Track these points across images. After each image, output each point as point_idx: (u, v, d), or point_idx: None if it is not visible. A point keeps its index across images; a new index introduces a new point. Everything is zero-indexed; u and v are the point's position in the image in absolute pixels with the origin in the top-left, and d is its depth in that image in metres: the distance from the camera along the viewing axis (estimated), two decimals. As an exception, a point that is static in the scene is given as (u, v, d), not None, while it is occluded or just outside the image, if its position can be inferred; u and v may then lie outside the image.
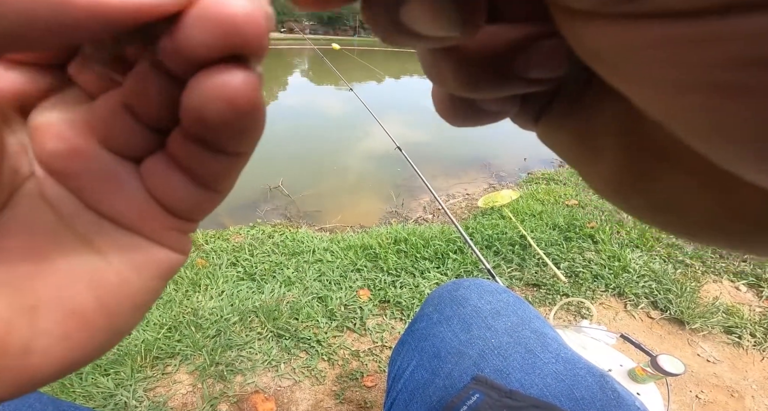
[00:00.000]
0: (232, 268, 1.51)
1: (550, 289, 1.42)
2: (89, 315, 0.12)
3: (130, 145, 0.12)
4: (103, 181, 0.12)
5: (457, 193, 2.60)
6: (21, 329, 0.11)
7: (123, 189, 0.12)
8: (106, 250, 0.12)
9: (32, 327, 0.11)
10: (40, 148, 0.11)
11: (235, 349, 1.13)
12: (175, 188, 0.12)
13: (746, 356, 1.21)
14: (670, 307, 1.34)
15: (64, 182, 0.12)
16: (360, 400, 1.03)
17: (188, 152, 0.11)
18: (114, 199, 0.12)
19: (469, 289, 0.55)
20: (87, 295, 0.12)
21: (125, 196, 0.12)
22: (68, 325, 0.12)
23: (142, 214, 0.12)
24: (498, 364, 0.43)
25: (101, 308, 0.12)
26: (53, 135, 0.11)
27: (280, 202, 2.39)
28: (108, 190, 0.12)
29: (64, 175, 0.12)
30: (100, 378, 1.03)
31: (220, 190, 0.13)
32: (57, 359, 0.12)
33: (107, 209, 0.12)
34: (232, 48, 0.09)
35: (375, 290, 1.39)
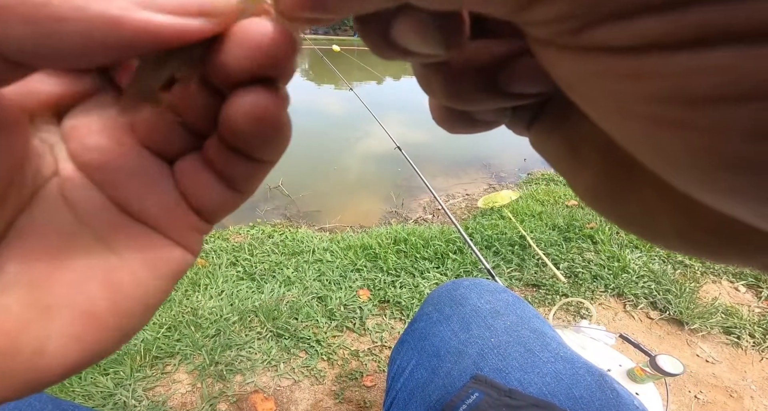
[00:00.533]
0: (231, 267, 1.51)
1: (550, 290, 1.43)
2: (102, 316, 0.12)
3: (170, 144, 0.13)
4: (139, 177, 0.12)
5: (456, 194, 2.60)
6: (35, 330, 0.11)
7: (156, 186, 0.13)
8: (122, 249, 0.12)
9: (46, 327, 0.11)
10: (77, 144, 0.12)
11: (235, 349, 1.13)
12: (205, 187, 0.13)
13: (745, 356, 1.21)
14: (669, 308, 1.34)
15: (98, 177, 0.12)
16: (359, 400, 1.03)
17: (222, 157, 0.12)
18: (146, 195, 0.13)
19: (468, 289, 0.55)
20: (101, 296, 0.12)
21: (158, 192, 0.13)
22: (81, 325, 0.12)
23: (170, 211, 0.13)
24: (497, 363, 0.43)
25: (114, 309, 0.12)
26: (94, 132, 0.12)
27: (280, 202, 2.39)
28: (142, 186, 0.13)
29: (99, 170, 0.12)
30: (99, 377, 1.03)
31: (245, 191, 0.14)
32: (67, 360, 0.12)
33: (136, 205, 0.13)
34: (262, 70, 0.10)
35: (375, 290, 1.39)
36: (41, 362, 0.11)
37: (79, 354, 0.12)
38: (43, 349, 0.11)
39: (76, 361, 0.12)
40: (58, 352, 0.11)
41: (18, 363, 0.11)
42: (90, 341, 0.12)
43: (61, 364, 0.12)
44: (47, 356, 0.11)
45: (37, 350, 0.11)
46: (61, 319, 0.11)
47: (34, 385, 0.11)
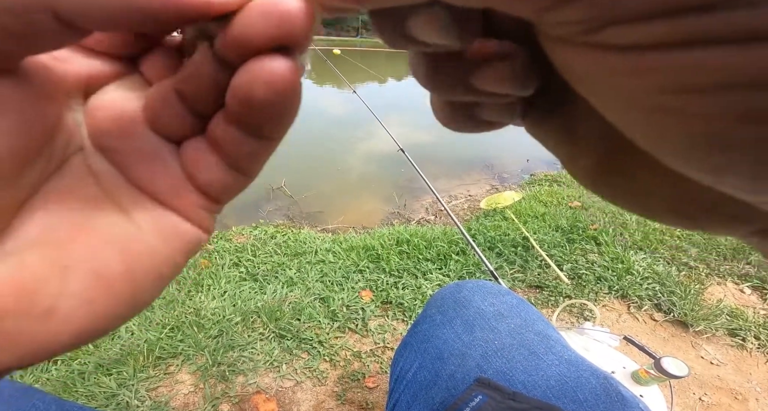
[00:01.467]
0: (234, 268, 1.51)
1: (553, 291, 1.42)
2: (115, 280, 0.12)
3: (175, 127, 0.13)
4: (146, 159, 0.13)
5: (459, 195, 2.60)
6: (50, 288, 0.11)
7: (163, 167, 0.13)
8: (140, 220, 0.13)
9: (60, 287, 0.11)
10: (93, 126, 0.13)
11: (237, 350, 1.13)
12: (210, 169, 0.13)
13: (750, 359, 1.20)
14: (673, 310, 1.33)
15: (111, 158, 0.13)
16: (362, 401, 1.03)
17: (227, 135, 0.13)
18: (154, 175, 0.13)
19: (472, 291, 0.55)
20: (116, 261, 0.12)
21: (164, 173, 0.13)
22: (94, 288, 0.12)
23: (177, 190, 0.14)
24: (501, 366, 0.43)
25: (127, 275, 0.13)
26: (109, 115, 0.13)
27: (282, 203, 2.39)
28: (149, 168, 0.13)
29: (111, 152, 0.13)
30: (102, 378, 1.03)
31: (249, 173, 0.14)
32: (76, 325, 0.12)
33: (146, 184, 0.13)
34: (281, 39, 0.10)
35: (377, 291, 1.39)
36: (50, 324, 0.11)
37: (88, 319, 0.12)
38: (54, 309, 0.11)
39: (85, 326, 0.12)
40: (69, 315, 0.12)
41: (28, 322, 0.11)
42: (101, 305, 0.12)
43: (69, 329, 0.12)
44: (57, 318, 0.11)
45: (49, 310, 0.11)
46: (76, 280, 0.12)
47: (41, 350, 0.11)
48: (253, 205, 2.35)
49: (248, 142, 0.13)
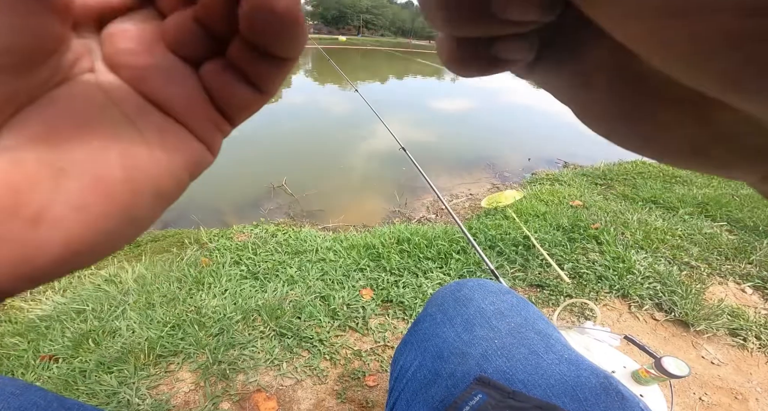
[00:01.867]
0: (235, 266, 1.51)
1: (554, 290, 1.42)
2: (113, 185, 0.12)
3: (195, 50, 0.14)
4: (164, 75, 0.14)
5: (460, 193, 2.60)
6: (42, 189, 0.11)
7: (182, 82, 0.14)
8: (145, 129, 0.13)
9: (54, 189, 0.11)
10: (111, 47, 0.13)
11: (238, 348, 1.14)
12: (230, 86, 0.14)
13: (751, 358, 1.20)
14: (674, 309, 1.33)
15: (126, 74, 0.13)
16: (362, 400, 1.03)
17: (244, 56, 0.14)
18: (170, 89, 0.14)
19: (472, 290, 0.55)
20: (116, 165, 0.12)
21: (183, 88, 0.14)
22: (90, 192, 0.11)
23: (194, 105, 0.14)
24: (501, 365, 0.43)
25: (126, 182, 0.12)
26: (127, 37, 0.13)
27: (283, 201, 2.40)
28: (166, 82, 0.14)
29: (128, 68, 0.13)
30: (103, 376, 1.03)
31: (266, 91, 0.15)
32: (67, 232, 0.11)
33: (161, 98, 0.14)
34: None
35: (378, 290, 1.39)
36: (39, 230, 0.10)
37: (80, 227, 0.11)
38: (44, 213, 0.11)
39: (76, 235, 0.11)
40: (59, 220, 0.11)
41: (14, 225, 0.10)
42: (95, 213, 0.12)
43: (59, 236, 0.11)
44: (47, 223, 0.11)
45: (38, 212, 0.10)
46: (72, 183, 0.11)
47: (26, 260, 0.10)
48: (254, 203, 2.35)
49: (264, 62, 0.14)
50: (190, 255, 1.60)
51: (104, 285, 1.41)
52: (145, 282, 1.42)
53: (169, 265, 1.53)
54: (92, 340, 1.15)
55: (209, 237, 1.73)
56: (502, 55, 0.13)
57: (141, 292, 1.36)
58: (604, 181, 2.61)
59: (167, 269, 1.50)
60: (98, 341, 1.15)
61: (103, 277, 1.48)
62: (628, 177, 2.64)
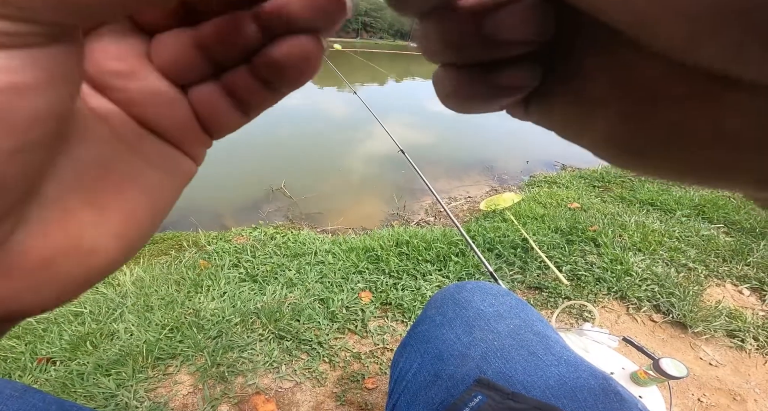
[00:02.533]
0: (234, 269, 1.51)
1: (552, 292, 1.42)
2: (142, 216, 0.14)
3: (188, 73, 0.14)
4: (153, 97, 0.14)
5: (459, 196, 2.60)
6: (93, 230, 0.12)
7: (170, 105, 0.14)
8: (151, 157, 0.14)
9: (100, 228, 0.12)
10: (97, 67, 0.13)
11: (237, 351, 1.13)
12: (221, 112, 0.15)
13: (749, 360, 1.21)
14: (672, 311, 1.34)
15: (114, 97, 0.13)
16: (361, 402, 1.03)
17: (248, 86, 0.14)
18: (161, 113, 0.14)
19: (471, 292, 0.55)
20: (142, 198, 0.14)
21: (172, 111, 0.14)
22: (126, 225, 0.13)
23: (184, 128, 0.15)
24: (500, 367, 0.43)
25: (150, 210, 0.14)
26: (110, 57, 0.13)
27: (282, 204, 2.39)
28: (156, 105, 0.14)
29: (115, 91, 0.13)
30: (101, 378, 1.03)
31: (252, 116, 0.16)
32: (111, 258, 0.13)
33: (152, 121, 0.14)
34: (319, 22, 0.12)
35: (377, 292, 1.39)
36: (92, 260, 0.12)
37: (119, 252, 0.13)
38: (96, 248, 0.12)
39: (116, 258, 0.13)
40: (106, 251, 0.13)
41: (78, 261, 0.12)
42: (129, 239, 0.13)
43: (105, 263, 0.13)
44: (98, 254, 0.13)
45: (92, 248, 0.12)
46: (111, 219, 0.13)
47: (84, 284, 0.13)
48: (253, 206, 2.35)
49: (265, 94, 0.14)
50: (188, 258, 1.59)
51: (102, 288, 1.40)
52: (143, 285, 1.41)
53: (167, 268, 1.53)
54: (90, 342, 1.15)
55: (208, 240, 1.73)
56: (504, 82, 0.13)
57: (139, 294, 1.36)
58: (602, 183, 2.61)
59: (165, 272, 1.50)
60: (96, 344, 1.14)
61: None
62: (626, 179, 2.65)
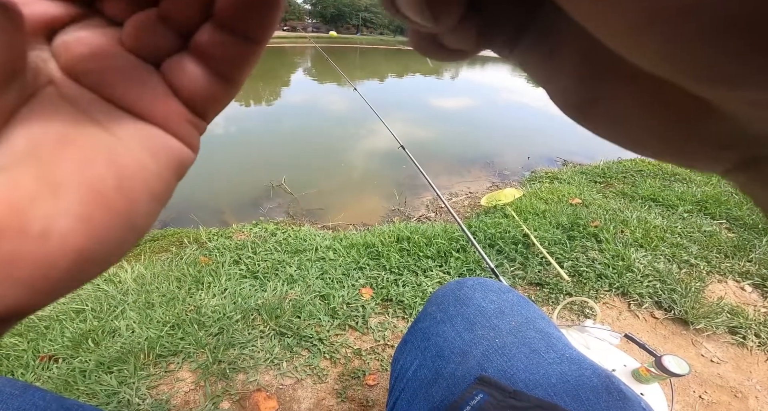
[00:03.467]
0: (234, 265, 1.51)
1: (554, 289, 1.42)
2: (108, 195, 0.12)
3: (157, 48, 0.14)
4: (126, 77, 0.13)
5: (460, 192, 2.60)
6: (44, 207, 0.11)
7: (144, 83, 0.14)
8: (124, 136, 0.13)
9: (55, 205, 0.11)
10: (66, 55, 0.13)
11: (238, 347, 1.14)
12: (196, 78, 0.14)
13: (750, 357, 1.20)
14: (674, 307, 1.33)
15: (87, 81, 0.13)
16: (362, 399, 1.03)
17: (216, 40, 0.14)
18: (135, 91, 0.14)
19: (473, 289, 0.54)
20: (107, 174, 0.12)
21: (146, 88, 0.14)
22: (88, 204, 0.12)
23: (160, 104, 0.14)
24: (502, 365, 0.43)
25: (121, 189, 0.13)
26: (80, 43, 0.13)
27: (282, 200, 2.39)
28: (130, 84, 0.13)
29: (88, 74, 0.13)
30: (103, 376, 1.03)
31: (234, 80, 0.15)
32: (75, 245, 0.11)
33: (127, 101, 0.13)
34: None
35: (377, 289, 1.39)
36: (48, 245, 0.11)
37: (86, 238, 0.12)
38: (50, 228, 0.11)
39: (84, 247, 0.12)
40: (66, 234, 0.11)
41: (26, 243, 0.10)
42: (98, 223, 0.12)
43: (68, 250, 0.11)
44: (54, 237, 0.11)
45: (44, 231, 0.11)
46: (70, 196, 0.11)
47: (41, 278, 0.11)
48: (254, 202, 2.35)
49: (236, 45, 0.14)
50: (189, 254, 1.59)
51: (103, 285, 1.40)
52: (145, 281, 1.42)
53: (168, 265, 1.53)
54: (92, 339, 1.15)
55: (208, 236, 1.73)
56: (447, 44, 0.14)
57: (140, 291, 1.36)
58: (604, 179, 2.61)
59: (166, 269, 1.50)
60: (98, 341, 1.15)
61: (102, 277, 1.48)
62: (627, 175, 2.64)
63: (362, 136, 3.84)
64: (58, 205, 0.11)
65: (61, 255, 0.11)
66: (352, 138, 3.84)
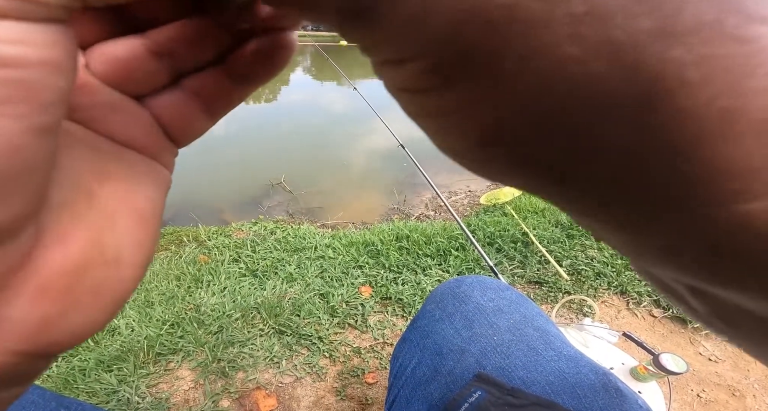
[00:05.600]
0: (234, 264, 1.51)
1: (552, 287, 1.42)
2: (149, 219, 0.13)
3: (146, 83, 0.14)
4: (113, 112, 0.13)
5: (459, 190, 2.60)
6: (110, 236, 0.12)
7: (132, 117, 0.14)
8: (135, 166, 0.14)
9: (116, 234, 0.12)
10: None
11: (237, 346, 1.14)
12: (186, 116, 0.14)
13: (748, 355, 1.20)
14: (672, 306, 1.34)
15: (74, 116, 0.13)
16: (361, 397, 1.03)
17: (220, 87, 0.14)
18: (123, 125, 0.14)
19: (471, 286, 0.55)
20: (145, 201, 0.13)
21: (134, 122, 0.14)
22: (139, 230, 0.13)
23: (149, 137, 0.14)
24: (500, 362, 0.43)
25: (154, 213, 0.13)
26: None
27: (282, 199, 2.39)
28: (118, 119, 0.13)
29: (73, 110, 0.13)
30: (103, 374, 1.03)
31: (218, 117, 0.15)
32: (138, 268, 0.12)
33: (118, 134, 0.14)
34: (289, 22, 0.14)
35: (377, 287, 1.39)
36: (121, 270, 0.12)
37: (142, 260, 0.12)
38: (120, 255, 0.12)
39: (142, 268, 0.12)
40: (131, 260, 0.12)
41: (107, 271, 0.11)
42: (147, 246, 0.13)
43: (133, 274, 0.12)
44: (125, 263, 0.12)
45: (117, 257, 0.11)
46: (124, 225, 0.12)
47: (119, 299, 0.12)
48: (253, 200, 2.35)
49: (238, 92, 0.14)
50: (188, 253, 1.59)
51: (103, 283, 1.40)
52: (144, 280, 1.41)
53: (167, 263, 1.53)
54: (91, 338, 1.15)
55: (208, 235, 1.73)
56: None
57: (140, 290, 1.36)
58: (603, 178, 2.61)
59: (166, 267, 1.50)
60: (97, 339, 1.15)
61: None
62: (627, 174, 2.64)
63: (362, 135, 3.84)
64: (119, 233, 0.12)
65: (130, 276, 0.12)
66: (352, 136, 3.84)
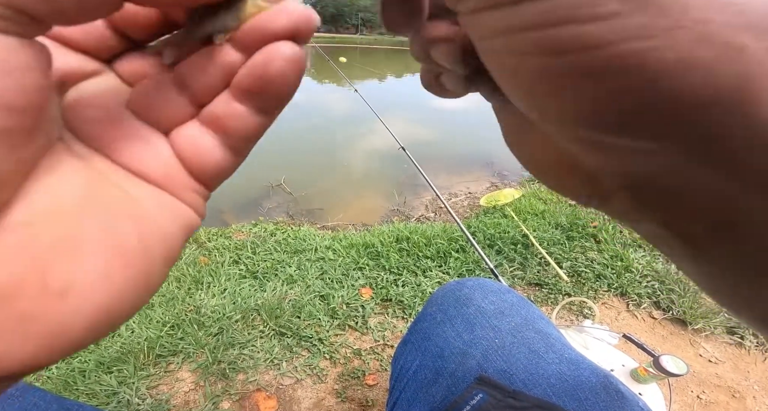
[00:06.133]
0: (234, 266, 1.51)
1: (553, 289, 1.42)
2: (131, 253, 0.12)
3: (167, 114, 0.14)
4: (135, 144, 0.14)
5: (459, 192, 2.60)
6: (65, 264, 0.11)
7: (153, 151, 0.14)
8: (140, 198, 0.13)
9: (76, 262, 0.11)
10: (73, 115, 0.13)
11: (237, 347, 1.14)
12: (207, 151, 0.14)
13: (748, 357, 1.21)
14: (672, 308, 1.34)
15: (95, 145, 0.13)
16: (362, 399, 1.03)
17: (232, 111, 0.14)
18: (144, 159, 0.14)
19: (472, 289, 0.55)
20: (132, 233, 0.12)
21: (155, 157, 0.14)
22: (110, 262, 0.12)
23: (169, 173, 0.14)
24: (501, 365, 0.43)
25: (142, 248, 0.12)
26: (90, 105, 0.13)
27: (282, 200, 2.39)
28: (139, 152, 0.14)
29: (95, 140, 0.13)
30: (103, 376, 1.03)
31: (242, 153, 0.15)
32: (94, 303, 0.11)
33: (137, 168, 0.14)
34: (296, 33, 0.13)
35: (377, 289, 1.39)
36: (67, 303, 0.10)
37: (105, 297, 0.11)
38: (70, 286, 0.11)
39: (102, 305, 0.11)
40: (86, 291, 0.11)
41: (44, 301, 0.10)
42: (116, 281, 0.12)
43: (87, 309, 0.11)
44: (74, 295, 0.11)
45: (65, 286, 0.10)
46: (93, 253, 0.11)
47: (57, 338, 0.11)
48: (253, 202, 2.35)
49: (250, 118, 0.14)
50: (188, 254, 1.59)
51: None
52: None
53: (167, 265, 1.52)
54: (91, 339, 1.15)
55: (208, 236, 1.73)
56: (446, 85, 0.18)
57: (140, 291, 1.36)
58: (603, 179, 2.61)
59: (166, 269, 1.50)
60: (97, 341, 1.15)
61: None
62: (627, 175, 2.64)
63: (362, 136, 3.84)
64: (80, 262, 0.11)
65: (78, 313, 0.11)
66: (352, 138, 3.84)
